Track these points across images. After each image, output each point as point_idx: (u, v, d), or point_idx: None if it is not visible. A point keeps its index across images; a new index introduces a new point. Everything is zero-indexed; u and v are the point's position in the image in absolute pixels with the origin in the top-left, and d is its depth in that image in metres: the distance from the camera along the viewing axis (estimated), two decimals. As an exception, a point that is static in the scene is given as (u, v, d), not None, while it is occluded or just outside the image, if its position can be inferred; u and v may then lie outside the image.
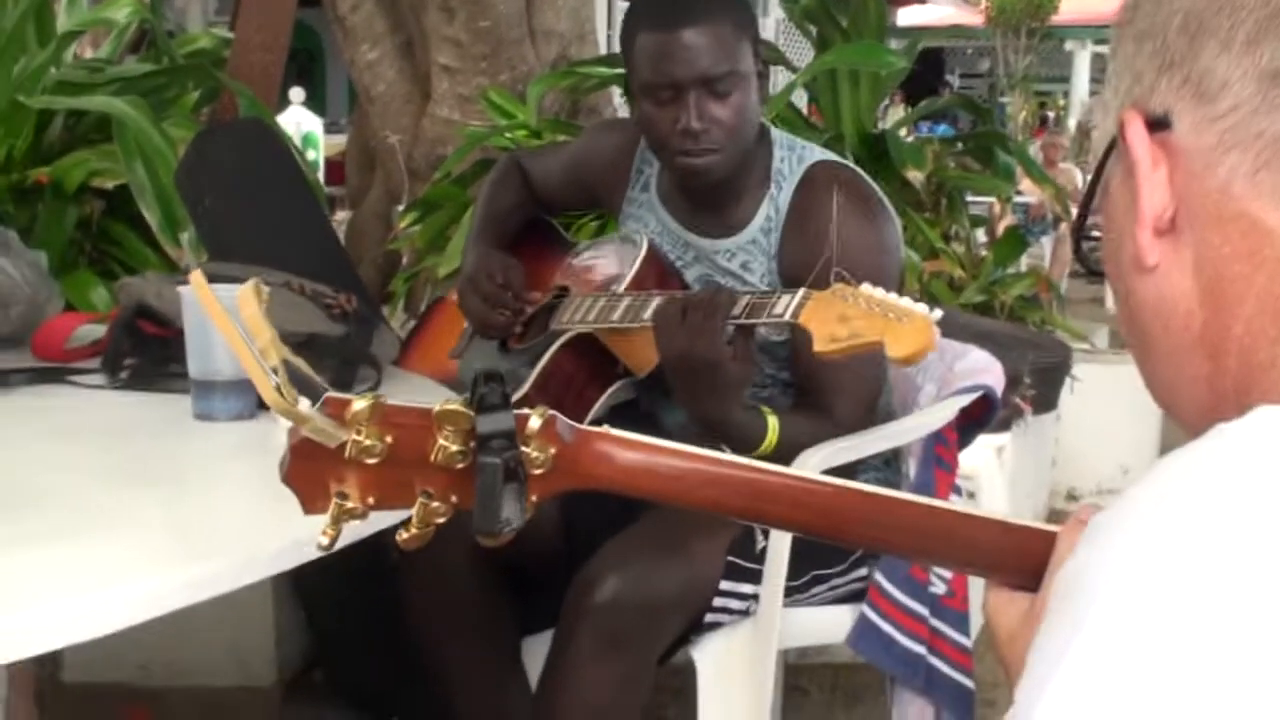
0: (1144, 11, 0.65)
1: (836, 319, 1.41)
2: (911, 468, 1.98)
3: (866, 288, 1.41)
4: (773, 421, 1.68)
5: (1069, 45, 19.92)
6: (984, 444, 3.27)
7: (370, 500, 0.80)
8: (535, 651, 1.82)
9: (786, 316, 1.50)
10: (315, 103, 9.91)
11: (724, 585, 1.76)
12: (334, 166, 7.24)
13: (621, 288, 1.84)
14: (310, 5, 4.72)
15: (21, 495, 1.31)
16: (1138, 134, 0.63)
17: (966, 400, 1.92)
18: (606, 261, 1.95)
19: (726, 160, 1.80)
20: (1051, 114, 17.63)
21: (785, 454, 1.67)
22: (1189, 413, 0.67)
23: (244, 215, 2.38)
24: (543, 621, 1.80)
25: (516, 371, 1.92)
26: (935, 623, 1.87)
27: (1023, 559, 0.79)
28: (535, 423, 0.79)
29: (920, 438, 1.92)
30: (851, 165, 1.92)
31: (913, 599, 1.84)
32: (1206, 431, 0.64)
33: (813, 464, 1.69)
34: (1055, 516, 4.17)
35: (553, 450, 0.80)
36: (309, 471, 0.80)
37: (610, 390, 1.92)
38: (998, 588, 0.82)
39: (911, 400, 2.03)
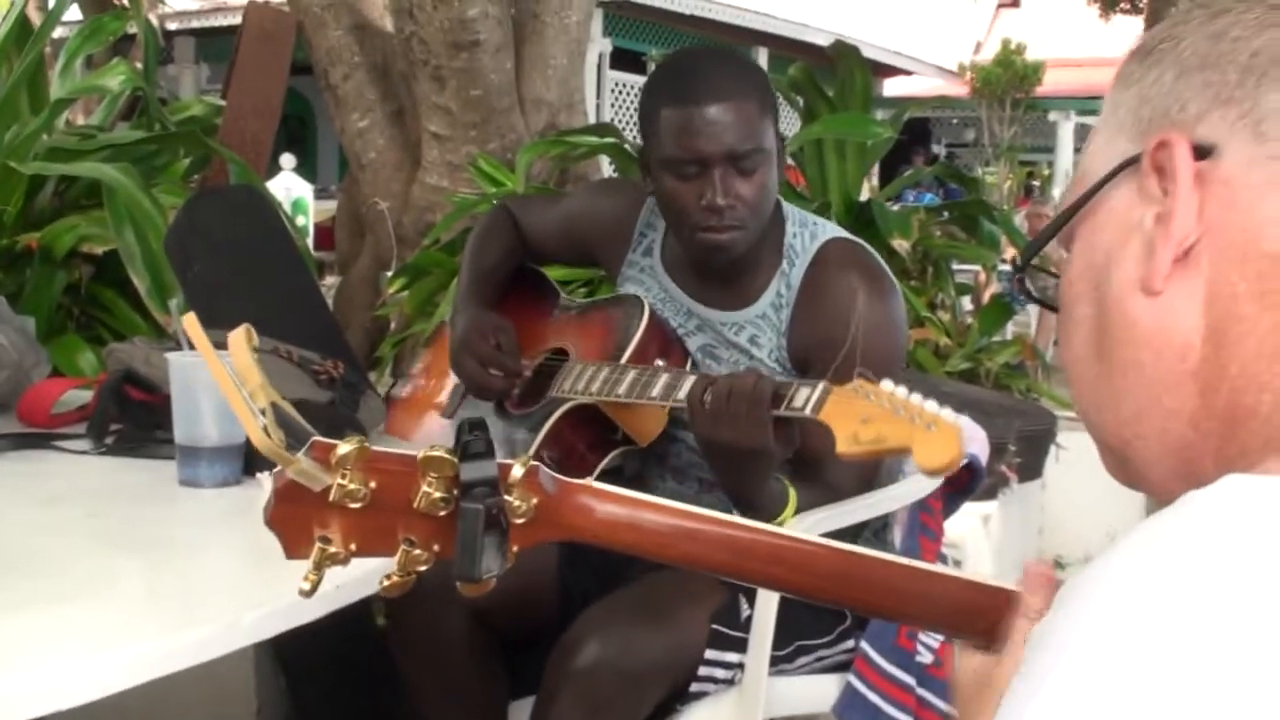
0: (1193, 43, 0.66)
1: (859, 419, 1.38)
2: (897, 536, 1.98)
3: (888, 385, 1.38)
4: (793, 493, 1.69)
5: (1053, 116, 20.16)
6: (970, 512, 3.28)
7: (353, 545, 0.81)
8: (521, 715, 1.81)
9: (807, 411, 1.48)
10: (306, 169, 9.97)
11: (709, 654, 1.75)
12: (324, 232, 7.27)
13: (625, 356, 1.84)
14: (302, 73, 4.77)
15: (5, 560, 1.30)
16: (1184, 159, 0.63)
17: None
18: (605, 325, 1.94)
19: (748, 237, 1.81)
20: (1037, 183, 17.78)
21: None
22: (1151, 448, 0.66)
23: (233, 281, 2.38)
24: (531, 685, 1.79)
25: (515, 435, 1.92)
26: (921, 692, 1.86)
27: (988, 616, 0.80)
28: (518, 472, 0.80)
29: (905, 506, 1.92)
30: (864, 244, 1.93)
31: (899, 668, 1.84)
32: (1166, 475, 0.66)
33: (804, 528, 1.69)
34: (1042, 585, 4.16)
35: (535, 500, 0.81)
36: (293, 515, 0.81)
37: (610, 457, 1.92)
38: (968, 652, 0.83)
39: (895, 468, 2.04)
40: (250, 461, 1.64)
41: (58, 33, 4.40)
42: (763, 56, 16.09)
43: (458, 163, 3.82)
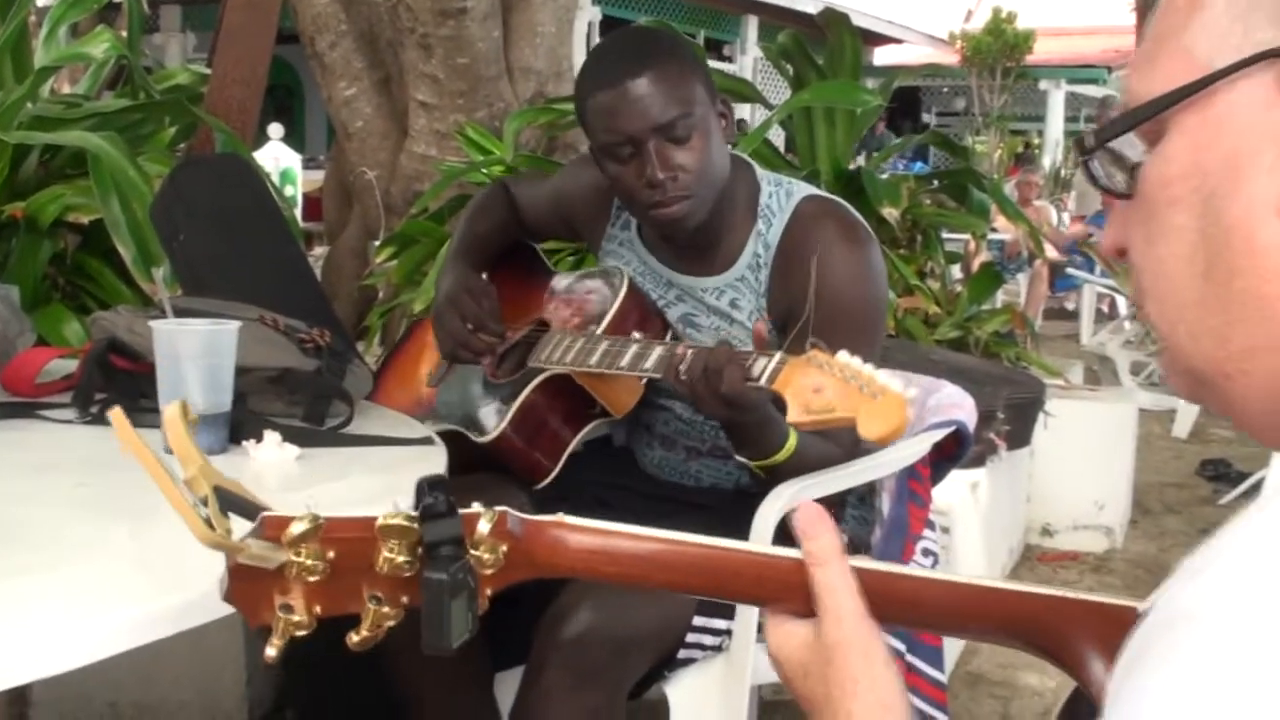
0: None
1: (811, 389, 1.39)
2: (885, 503, 1.98)
3: (843, 356, 1.39)
4: (794, 432, 1.69)
5: (1043, 85, 20.13)
6: (958, 480, 3.29)
7: (317, 610, 0.79)
8: (507, 686, 1.81)
9: (762, 381, 1.49)
10: (294, 139, 9.92)
11: (697, 621, 1.76)
12: (312, 202, 7.25)
13: (601, 326, 1.84)
14: (289, 41, 4.74)
15: (-11, 530, 1.30)
16: None
17: (939, 435, 1.93)
18: (586, 296, 1.95)
19: (700, 203, 1.80)
20: (1024, 150, 17.77)
21: (799, 463, 1.70)
22: (1254, 385, 0.59)
23: (219, 250, 2.37)
24: (514, 656, 1.80)
25: (489, 414, 1.91)
26: (911, 659, 1.86)
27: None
28: (485, 526, 0.79)
29: (893, 473, 1.92)
30: (839, 200, 1.93)
31: (888, 635, 1.84)
32: (1266, 415, 0.59)
33: (786, 497, 1.69)
34: (1030, 552, 4.18)
35: (504, 548, 0.80)
36: (250, 591, 0.79)
37: (586, 429, 1.93)
38: (777, 618, 0.80)
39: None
40: (235, 429, 1.64)
41: (42, 0, 4.37)
42: (752, 25, 16.04)
43: (445, 131, 3.80)
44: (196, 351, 1.60)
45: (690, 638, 1.76)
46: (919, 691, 1.86)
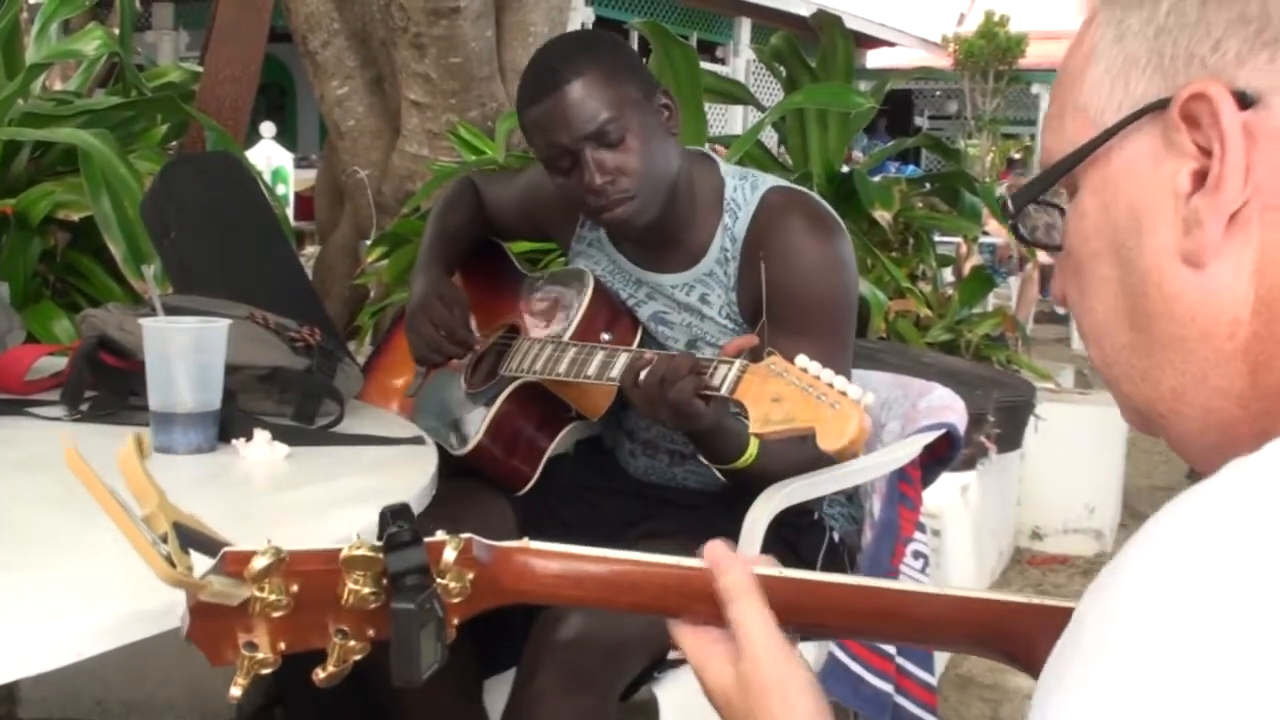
0: None
1: (770, 398, 1.39)
2: (875, 505, 1.98)
3: (802, 360, 1.39)
4: (754, 442, 1.69)
5: (1035, 89, 20.15)
6: (949, 482, 3.29)
7: (282, 646, 0.78)
8: (497, 692, 1.81)
9: (723, 391, 1.50)
10: (286, 137, 9.91)
11: (688, 622, 1.75)
12: (304, 201, 7.23)
13: (570, 328, 1.84)
14: (281, 40, 4.73)
15: (-23, 527, 1.29)
16: (1230, 113, 0.55)
17: (930, 438, 1.93)
18: (555, 300, 1.95)
19: (646, 202, 1.79)
20: (1018, 155, 17.80)
21: (764, 467, 1.70)
22: (1190, 424, 0.61)
23: (210, 248, 2.37)
24: (503, 662, 1.79)
25: (465, 426, 1.91)
26: (901, 661, 1.87)
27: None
28: (450, 554, 0.78)
29: (884, 475, 1.92)
30: (806, 190, 1.92)
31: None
32: (1205, 449, 0.60)
33: (776, 501, 1.69)
34: (1020, 555, 4.18)
35: (471, 575, 0.79)
36: (212, 629, 0.77)
37: (561, 434, 1.92)
38: (699, 646, 0.81)
39: (875, 437, 2.04)
40: (225, 428, 1.63)
41: (33, -3, 4.36)
42: (745, 27, 16.04)
43: (438, 131, 3.80)
44: (186, 349, 1.60)
45: (680, 639, 1.75)
46: (909, 694, 1.87)
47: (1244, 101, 0.56)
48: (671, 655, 1.77)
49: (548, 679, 1.63)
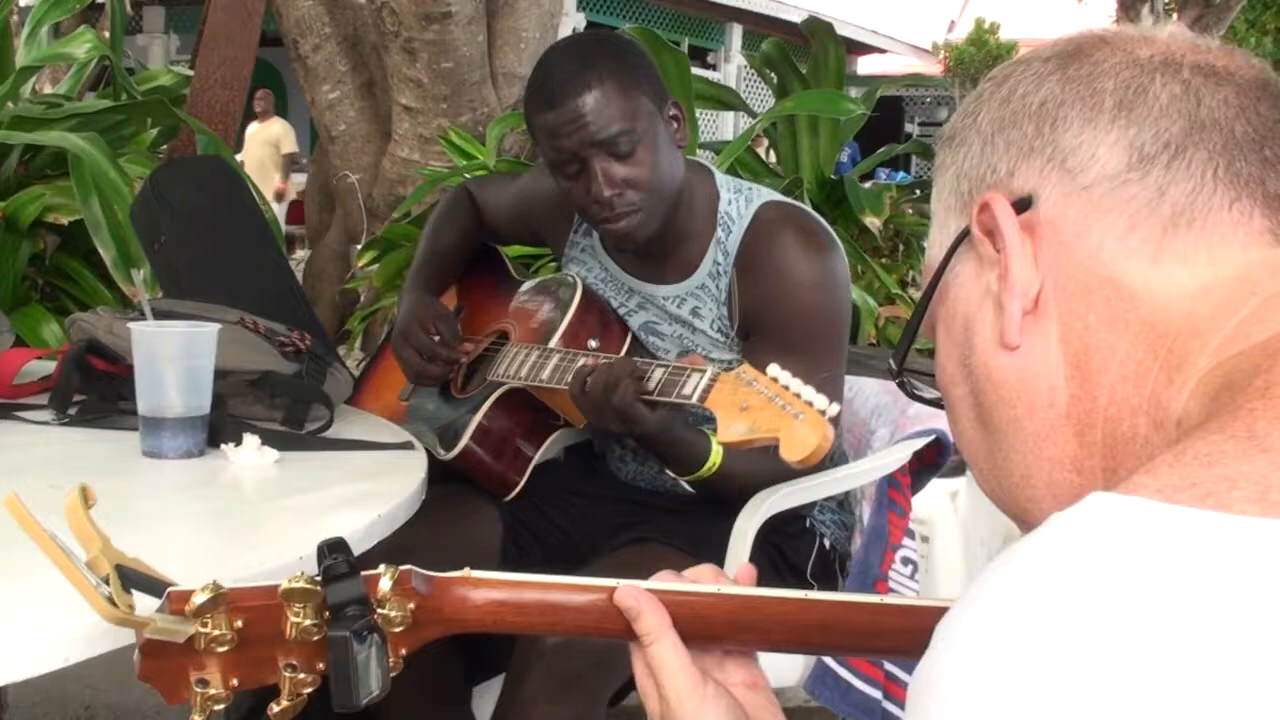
0: (988, 112, 0.69)
1: (739, 408, 1.39)
2: (865, 511, 1.98)
3: (773, 369, 1.39)
4: (716, 446, 1.69)
5: (1026, 96, 20.20)
6: (938, 489, 3.28)
7: (234, 681, 0.79)
8: (485, 699, 1.81)
9: (694, 399, 1.50)
10: (276, 141, 9.90)
11: (677, 628, 1.75)
12: (295, 205, 7.23)
13: (557, 335, 1.84)
14: (272, 44, 4.73)
15: (-36, 532, 1.29)
16: (1005, 212, 0.65)
17: (919, 444, 1.93)
18: (544, 306, 1.94)
19: (650, 216, 1.79)
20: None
21: (728, 477, 1.70)
22: (1045, 507, 0.64)
23: (200, 252, 2.36)
24: (491, 668, 1.79)
25: (453, 431, 1.91)
26: (890, 667, 1.86)
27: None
28: (386, 584, 0.78)
29: (873, 481, 1.92)
30: (800, 204, 1.92)
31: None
32: None
33: (765, 506, 1.69)
34: (1010, 562, 4.18)
35: (411, 605, 0.79)
36: (163, 667, 0.78)
37: (550, 439, 1.92)
38: (643, 669, 0.83)
39: (864, 443, 2.04)
40: (214, 432, 1.63)
41: (24, 0, 4.35)
42: (737, 33, 16.07)
43: (429, 135, 3.80)
44: (175, 354, 1.59)
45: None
46: (897, 700, 1.86)
47: (1021, 205, 0.65)
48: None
49: (535, 685, 1.63)
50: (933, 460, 1.98)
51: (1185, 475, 0.50)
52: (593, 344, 1.81)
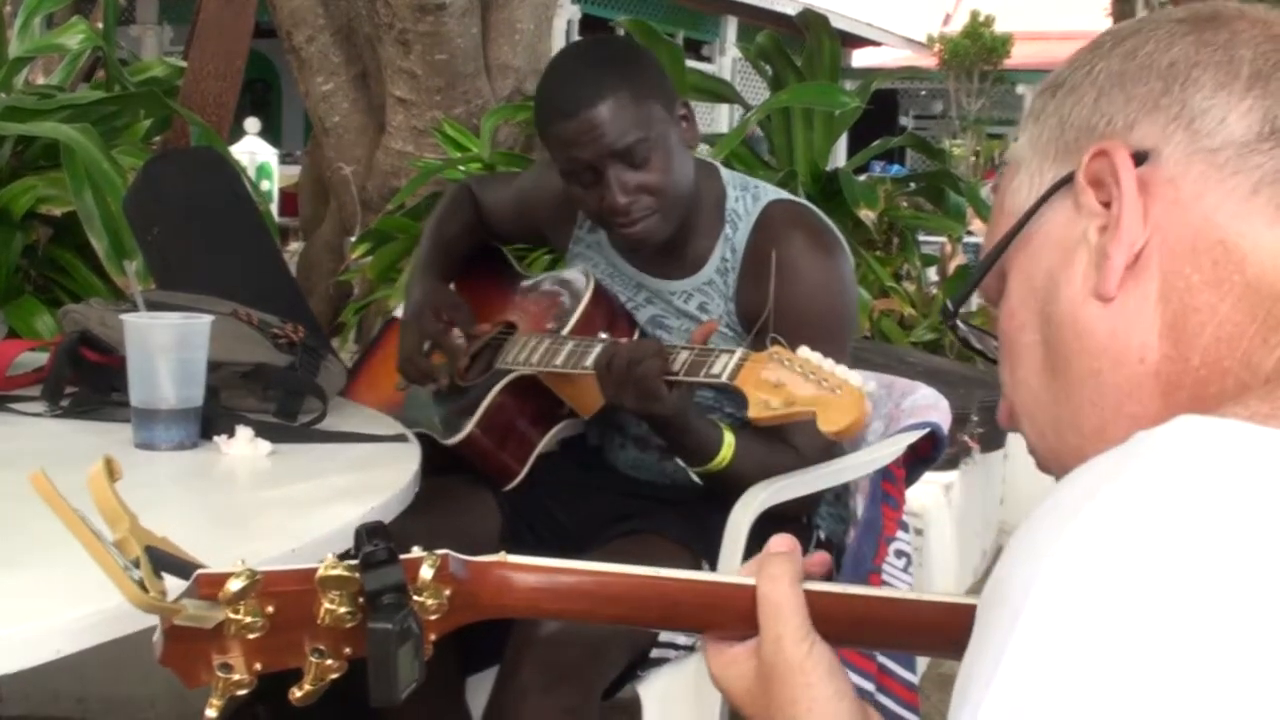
0: (1107, 65, 0.68)
1: (771, 385, 1.41)
2: (859, 504, 1.98)
3: (804, 351, 1.41)
4: (729, 438, 1.69)
5: (1020, 89, 20.20)
6: (932, 482, 3.29)
7: (257, 667, 0.77)
8: (478, 690, 1.81)
9: (724, 378, 1.50)
10: (271, 133, 9.88)
11: (670, 620, 1.75)
12: (289, 197, 7.21)
13: (568, 327, 1.84)
14: (266, 35, 4.72)
15: (-44, 523, 1.28)
16: (1125, 164, 0.64)
17: (914, 437, 1.93)
18: (553, 299, 1.95)
19: (666, 218, 1.80)
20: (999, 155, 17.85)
21: (741, 471, 1.70)
22: None
23: (193, 244, 2.36)
24: (486, 659, 1.79)
25: (457, 416, 1.91)
26: (883, 660, 1.87)
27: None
28: (428, 571, 0.77)
29: (867, 474, 1.92)
30: (807, 203, 1.92)
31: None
32: None
33: (760, 500, 1.69)
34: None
35: (448, 591, 0.78)
36: (186, 652, 0.76)
37: (554, 430, 1.92)
38: (715, 645, 0.82)
39: (859, 436, 2.04)
40: (207, 424, 1.62)
41: (16, -10, 4.33)
42: (731, 25, 16.05)
43: (423, 128, 3.79)
44: (168, 345, 1.59)
45: (663, 637, 1.76)
46: (891, 692, 1.87)
47: (1139, 158, 0.64)
48: (654, 654, 1.77)
49: (529, 676, 1.63)
50: (927, 453, 1.99)
51: (1277, 405, 0.54)
52: (603, 336, 1.82)
